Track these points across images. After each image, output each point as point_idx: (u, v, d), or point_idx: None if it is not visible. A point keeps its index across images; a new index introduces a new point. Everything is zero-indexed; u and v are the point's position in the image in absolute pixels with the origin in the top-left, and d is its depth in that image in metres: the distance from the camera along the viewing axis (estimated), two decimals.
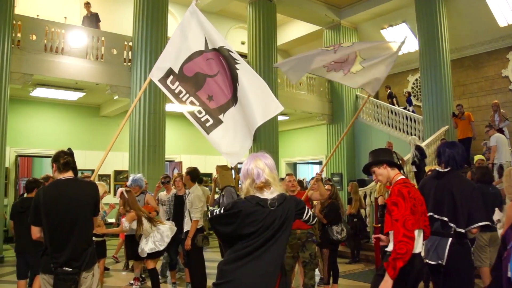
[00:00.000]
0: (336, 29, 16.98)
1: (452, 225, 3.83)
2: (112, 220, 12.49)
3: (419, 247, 3.41)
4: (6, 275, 8.51)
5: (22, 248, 5.51)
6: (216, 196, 7.86)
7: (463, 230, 3.79)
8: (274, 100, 4.36)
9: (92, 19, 12.95)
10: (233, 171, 9.00)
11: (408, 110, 15.47)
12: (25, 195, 6.04)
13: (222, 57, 4.42)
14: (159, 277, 7.63)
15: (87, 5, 13.05)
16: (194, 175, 6.73)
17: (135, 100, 4.65)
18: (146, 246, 6.13)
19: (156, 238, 6.13)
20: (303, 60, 5.61)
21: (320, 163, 18.36)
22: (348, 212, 9.86)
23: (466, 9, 14.70)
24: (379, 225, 5.57)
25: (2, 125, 9.70)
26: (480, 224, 3.79)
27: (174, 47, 4.51)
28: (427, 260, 3.90)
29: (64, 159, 3.72)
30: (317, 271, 6.71)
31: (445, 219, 3.86)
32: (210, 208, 7.37)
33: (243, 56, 15.71)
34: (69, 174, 3.75)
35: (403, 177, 3.51)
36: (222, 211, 2.79)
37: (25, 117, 13.36)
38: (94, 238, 5.73)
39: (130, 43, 12.16)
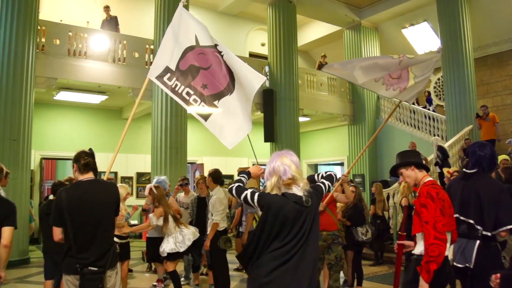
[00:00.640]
0: (356, 29, 16.87)
1: (478, 227, 3.74)
2: (135, 222, 12.62)
3: (447, 250, 3.34)
4: (33, 276, 8.62)
5: (49, 248, 5.57)
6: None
7: (489, 233, 3.69)
8: (255, 73, 4.59)
9: (112, 23, 13.07)
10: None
11: (428, 110, 15.28)
12: (50, 197, 6.10)
13: (216, 53, 4.63)
14: (182, 279, 7.68)
15: (107, 8, 13.18)
16: (216, 177, 6.73)
17: (136, 101, 4.85)
18: (167, 246, 6.14)
19: (178, 239, 6.14)
20: (355, 67, 5.56)
21: (341, 164, 18.25)
22: (372, 212, 9.73)
23: (488, 6, 14.45)
24: (405, 233, 5.48)
25: (27, 128, 9.86)
26: (509, 227, 3.67)
27: (168, 46, 4.67)
28: (454, 263, 3.82)
29: (85, 160, 3.73)
30: (341, 273, 6.66)
31: (471, 221, 3.77)
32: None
33: (264, 57, 15.80)
34: (90, 175, 3.75)
35: (431, 178, 3.46)
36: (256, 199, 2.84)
37: (49, 120, 13.56)
38: (117, 240, 5.81)
39: (152, 46, 12.26)
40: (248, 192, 2.88)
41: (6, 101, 9.47)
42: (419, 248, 3.34)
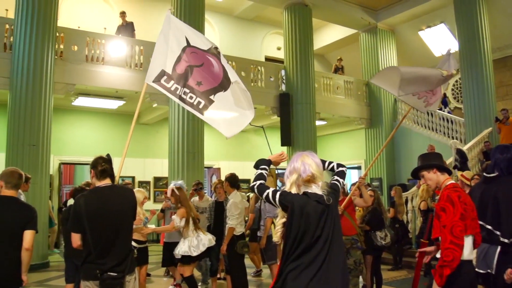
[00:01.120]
0: (372, 32, 16.78)
1: (497, 232, 3.66)
2: (152, 226, 12.64)
3: (469, 254, 3.28)
4: (52, 280, 8.71)
5: (71, 253, 5.62)
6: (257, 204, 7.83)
7: (506, 240, 3.60)
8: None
9: (128, 28, 13.18)
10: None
11: (443, 111, 15.11)
12: (70, 201, 6.15)
13: (209, 56, 4.89)
14: (200, 283, 7.69)
15: (123, 14, 13.29)
16: (233, 181, 6.75)
17: (138, 104, 5.00)
18: (181, 248, 6.15)
19: (193, 243, 6.13)
20: (401, 79, 5.58)
21: (359, 168, 18.13)
22: (391, 216, 9.60)
23: (507, 6, 14.25)
24: (427, 241, 5.40)
25: (47, 134, 9.98)
26: None
27: (161, 51, 4.91)
28: (476, 269, 3.75)
29: (102, 166, 3.76)
30: (360, 278, 6.60)
31: (489, 227, 3.70)
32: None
33: (280, 61, 15.80)
34: (107, 181, 3.78)
35: (453, 181, 3.40)
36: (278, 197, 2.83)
37: (68, 125, 13.70)
38: (136, 245, 5.83)
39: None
40: (270, 191, 2.87)
41: (26, 107, 9.61)
42: (465, 253, 3.25)
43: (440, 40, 16.43)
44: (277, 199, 2.81)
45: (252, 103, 4.88)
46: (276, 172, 10.60)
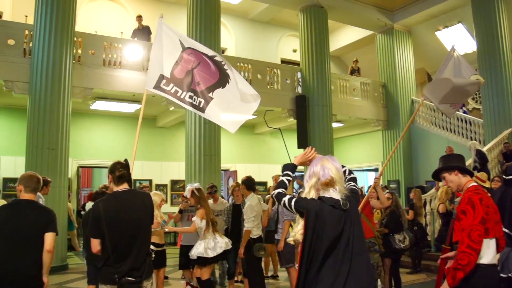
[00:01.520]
0: (389, 33, 16.66)
1: None
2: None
3: (492, 258, 3.21)
4: (71, 282, 8.79)
5: (92, 256, 5.67)
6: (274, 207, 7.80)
7: None
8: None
9: (144, 32, 13.27)
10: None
11: (461, 112, 14.90)
12: (88, 204, 6.21)
13: (200, 53, 5.17)
14: (218, 286, 7.69)
15: (139, 18, 13.39)
16: (249, 184, 6.76)
17: (141, 109, 5.25)
18: (197, 250, 6.13)
19: (209, 244, 6.11)
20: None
21: (376, 170, 18.01)
22: (410, 218, 9.47)
23: None
24: (450, 247, 5.31)
25: (65, 137, 10.09)
26: None
27: (157, 57, 5.07)
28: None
29: (120, 172, 3.79)
30: (378, 281, 6.55)
31: (506, 230, 3.63)
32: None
33: (296, 64, 15.78)
34: (125, 186, 3.81)
35: (475, 184, 3.34)
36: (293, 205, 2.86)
37: (86, 129, 13.84)
38: (154, 248, 5.85)
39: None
40: (286, 198, 2.92)
41: (44, 111, 9.74)
42: (488, 257, 3.19)
43: (458, 40, 16.24)
44: (292, 206, 2.87)
45: (255, 93, 5.17)
46: (293, 175, 10.56)
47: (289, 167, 3.19)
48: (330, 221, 2.69)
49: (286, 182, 3.09)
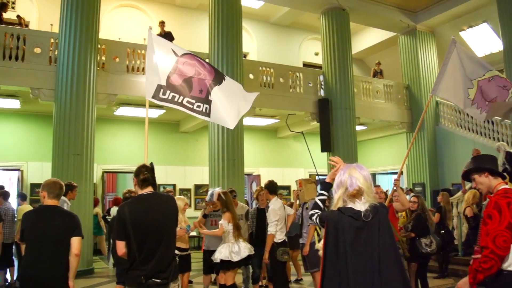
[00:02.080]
0: (412, 34, 16.46)
1: None
2: (194, 234, 12.77)
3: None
4: (97, 286, 8.87)
5: (120, 258, 5.72)
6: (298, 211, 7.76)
7: None
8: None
9: (166, 38, 13.30)
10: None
11: None
12: (113, 209, 6.27)
13: (191, 55, 5.42)
14: None
15: (162, 24, 13.50)
16: (272, 188, 6.75)
17: (146, 115, 5.47)
18: (221, 254, 6.12)
19: (234, 248, 6.11)
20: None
21: (401, 173, 17.77)
22: (437, 221, 9.29)
23: None
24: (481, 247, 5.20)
25: (90, 143, 10.23)
26: None
27: (152, 67, 5.22)
28: None
29: (144, 175, 3.82)
30: None
31: None
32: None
33: (318, 67, 15.72)
34: (149, 189, 3.84)
35: (506, 187, 3.24)
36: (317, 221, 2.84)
37: (110, 135, 14.01)
38: (178, 252, 5.86)
39: (207, 60, 12.44)
40: (315, 215, 2.99)
41: (70, 118, 9.89)
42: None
43: (483, 40, 15.97)
44: (317, 222, 2.96)
45: (246, 92, 5.69)
46: (317, 178, 10.49)
47: (324, 187, 3.19)
48: (348, 232, 2.64)
49: (320, 203, 3.09)
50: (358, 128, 15.05)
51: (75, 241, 4.08)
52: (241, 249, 6.12)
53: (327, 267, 2.72)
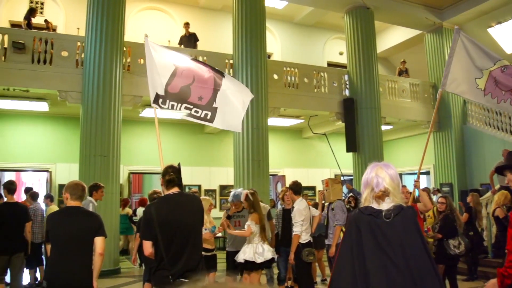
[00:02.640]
0: (438, 32, 16.20)
1: None
2: (219, 234, 12.78)
3: None
4: (123, 286, 8.96)
5: (148, 259, 5.78)
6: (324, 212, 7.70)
7: None
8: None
9: (190, 39, 13.45)
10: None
11: None
12: (138, 210, 6.34)
13: (190, 60, 5.54)
14: None
15: (187, 25, 13.60)
16: (296, 189, 6.73)
17: (155, 117, 5.58)
18: (245, 254, 6.12)
19: (258, 249, 6.10)
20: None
21: (427, 173, 17.52)
22: (464, 220, 9.08)
23: None
24: None
25: (116, 144, 10.35)
26: None
27: (151, 77, 5.37)
28: None
29: (170, 176, 3.87)
30: None
31: None
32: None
33: (342, 66, 15.61)
34: (175, 190, 3.89)
35: None
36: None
37: (136, 136, 14.14)
38: (204, 253, 5.88)
39: (231, 61, 12.47)
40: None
41: (97, 119, 10.02)
42: None
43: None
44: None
45: (244, 87, 5.80)
46: (342, 179, 10.42)
47: None
48: (366, 231, 2.58)
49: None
50: (383, 127, 14.88)
51: (99, 241, 4.17)
52: (265, 251, 6.12)
53: (341, 266, 2.65)
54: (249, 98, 5.59)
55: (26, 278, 8.38)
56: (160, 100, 5.28)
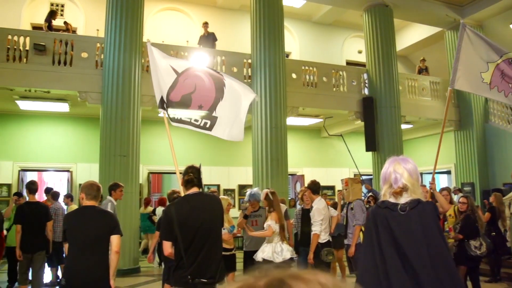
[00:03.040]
0: (458, 29, 15.90)
1: None
2: (239, 234, 12.78)
3: None
4: (142, 285, 9.01)
5: (167, 258, 5.81)
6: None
7: None
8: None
9: (209, 38, 13.48)
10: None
11: None
12: (157, 210, 6.37)
13: (196, 70, 5.45)
14: None
15: (205, 25, 13.64)
16: (314, 188, 6.73)
17: (164, 118, 5.47)
18: (264, 253, 6.10)
19: (276, 249, 6.08)
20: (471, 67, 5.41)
21: (448, 172, 17.29)
22: (486, 220, 8.90)
23: None
24: None
25: (136, 144, 10.42)
26: None
27: (155, 82, 5.33)
28: None
29: (188, 176, 3.90)
30: None
31: None
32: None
33: (361, 65, 15.48)
34: (194, 190, 3.91)
35: None
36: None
37: (155, 136, 14.21)
38: (222, 253, 5.88)
39: (249, 60, 12.46)
40: None
41: (116, 120, 10.11)
42: None
43: None
44: None
45: (246, 86, 5.60)
46: (361, 178, 10.33)
47: None
48: (383, 224, 2.55)
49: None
50: (403, 126, 14.72)
51: (114, 239, 4.23)
52: (284, 250, 6.10)
53: (365, 261, 2.63)
54: (251, 98, 5.53)
55: (47, 276, 8.50)
56: (165, 105, 5.30)
